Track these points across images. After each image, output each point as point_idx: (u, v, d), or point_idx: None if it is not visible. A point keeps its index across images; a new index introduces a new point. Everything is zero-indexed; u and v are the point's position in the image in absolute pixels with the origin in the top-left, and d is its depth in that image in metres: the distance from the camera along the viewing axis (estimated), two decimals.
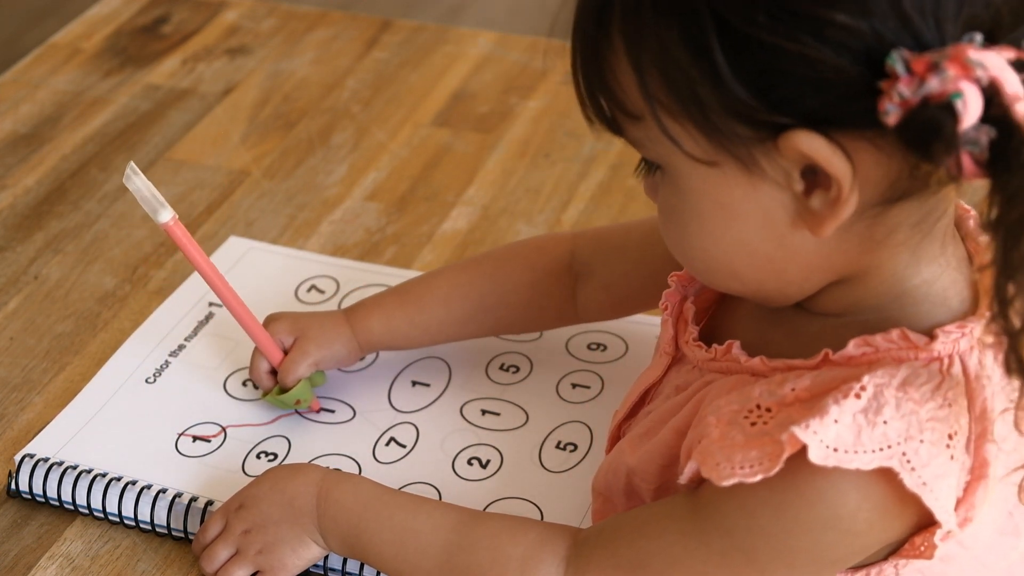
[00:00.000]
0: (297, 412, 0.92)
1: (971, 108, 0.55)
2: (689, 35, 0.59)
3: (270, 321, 0.91)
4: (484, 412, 0.92)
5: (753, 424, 0.63)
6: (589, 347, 0.97)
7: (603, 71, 0.64)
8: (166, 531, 0.84)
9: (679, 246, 0.68)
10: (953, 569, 0.67)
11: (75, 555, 0.83)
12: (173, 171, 1.18)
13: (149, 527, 0.84)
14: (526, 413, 0.91)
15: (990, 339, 0.60)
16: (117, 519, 0.84)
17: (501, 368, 0.95)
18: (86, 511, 0.85)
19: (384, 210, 1.13)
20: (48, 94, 1.30)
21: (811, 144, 0.59)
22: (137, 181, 0.82)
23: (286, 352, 0.90)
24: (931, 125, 0.56)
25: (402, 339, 0.92)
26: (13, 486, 0.86)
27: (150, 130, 1.24)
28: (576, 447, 0.88)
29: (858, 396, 0.61)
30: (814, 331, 0.67)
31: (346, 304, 1.00)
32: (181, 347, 0.97)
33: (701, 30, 0.58)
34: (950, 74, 0.55)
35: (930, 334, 0.63)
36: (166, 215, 0.83)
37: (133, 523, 0.84)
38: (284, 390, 0.90)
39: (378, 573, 0.79)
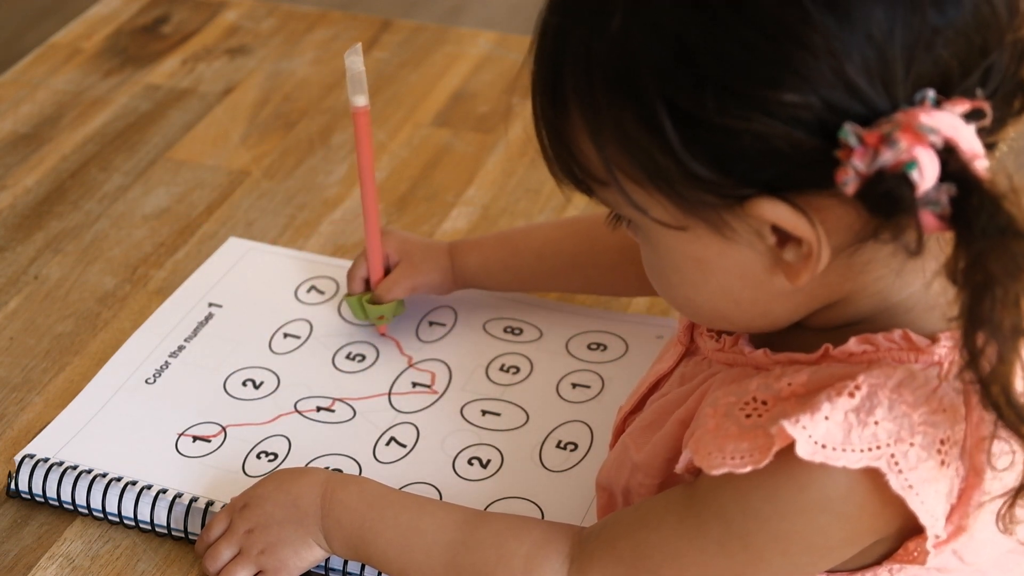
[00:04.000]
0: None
1: (927, 175, 0.56)
2: (643, 117, 0.60)
3: (382, 233, 0.96)
4: (484, 412, 0.92)
5: (748, 416, 0.64)
6: (589, 347, 0.97)
7: (567, 142, 0.64)
8: (166, 531, 0.83)
9: (664, 293, 0.69)
10: None
11: (75, 555, 0.83)
12: (173, 171, 1.18)
13: (149, 527, 0.84)
14: (526, 413, 0.91)
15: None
16: (117, 519, 0.84)
17: (501, 369, 0.95)
18: (86, 511, 0.85)
19: (384, 210, 1.13)
20: (48, 94, 1.30)
21: (775, 211, 0.60)
22: (356, 61, 0.88)
23: (387, 269, 0.96)
24: (890, 195, 0.56)
25: (495, 280, 0.97)
26: (13, 486, 0.86)
27: (150, 130, 1.24)
28: (576, 446, 0.88)
29: (852, 395, 0.61)
30: (819, 332, 0.67)
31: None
32: (181, 347, 0.97)
33: (654, 113, 0.59)
34: (903, 145, 0.55)
35: (932, 338, 0.63)
36: (361, 101, 0.89)
37: (133, 523, 0.84)
38: (374, 303, 0.95)
39: (379, 574, 0.79)
